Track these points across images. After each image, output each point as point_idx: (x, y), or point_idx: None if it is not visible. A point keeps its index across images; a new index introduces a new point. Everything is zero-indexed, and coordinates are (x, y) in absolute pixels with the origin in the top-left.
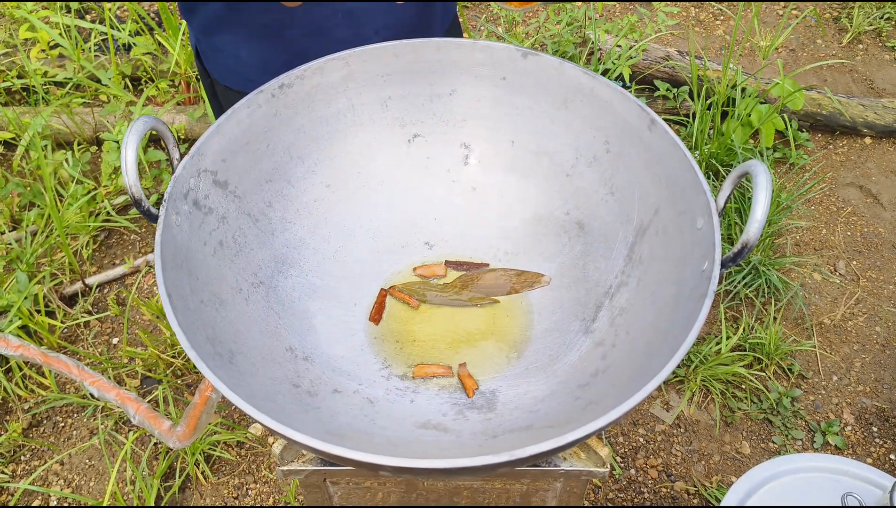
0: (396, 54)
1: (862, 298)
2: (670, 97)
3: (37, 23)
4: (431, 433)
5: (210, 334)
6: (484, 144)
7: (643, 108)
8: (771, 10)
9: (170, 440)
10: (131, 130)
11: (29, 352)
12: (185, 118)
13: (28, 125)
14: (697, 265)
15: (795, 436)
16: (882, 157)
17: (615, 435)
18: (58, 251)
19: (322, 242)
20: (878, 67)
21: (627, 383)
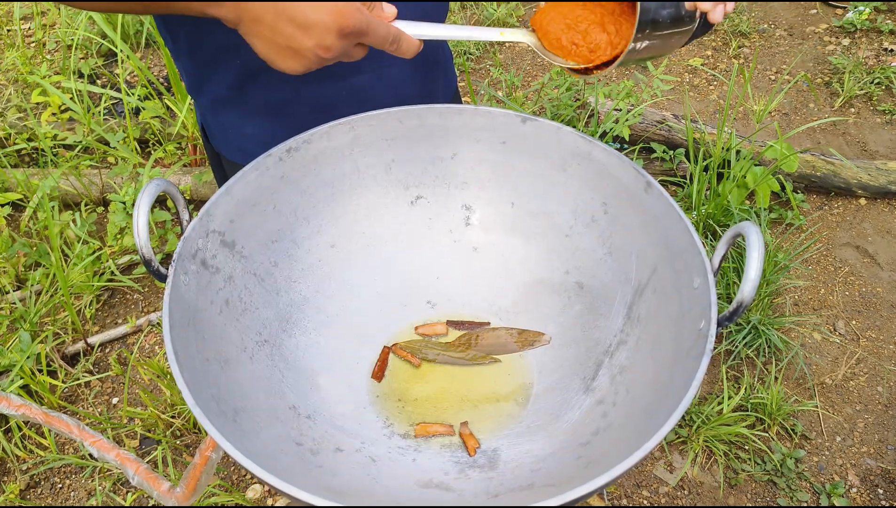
0: (401, 120)
1: (863, 357)
2: (667, 159)
3: (49, 87)
4: (433, 492)
5: (215, 392)
6: (485, 205)
7: (639, 171)
8: (763, 76)
9: (169, 501)
10: (144, 193)
11: (31, 412)
12: (190, 179)
13: (36, 187)
14: (694, 324)
15: (800, 498)
16: (877, 217)
17: (618, 498)
18: (61, 311)
19: (326, 301)
20: (870, 130)
21: (628, 441)
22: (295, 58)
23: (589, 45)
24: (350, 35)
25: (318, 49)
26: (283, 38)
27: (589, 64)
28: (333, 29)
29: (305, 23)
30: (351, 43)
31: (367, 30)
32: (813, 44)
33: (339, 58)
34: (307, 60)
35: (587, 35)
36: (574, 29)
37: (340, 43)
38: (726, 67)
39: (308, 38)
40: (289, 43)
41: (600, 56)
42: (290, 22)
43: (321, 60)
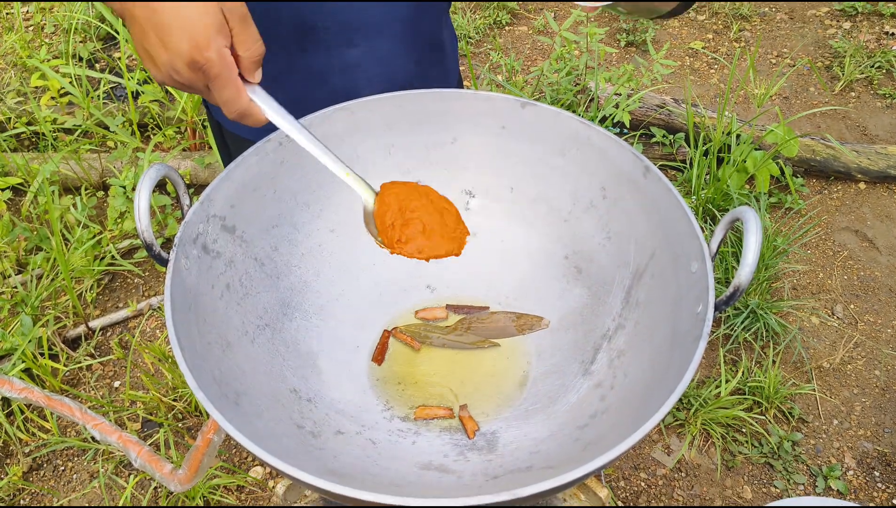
0: (400, 104)
1: (860, 341)
2: (667, 144)
3: (48, 71)
4: (433, 474)
5: (216, 375)
6: (484, 190)
7: (637, 155)
8: (764, 60)
9: (171, 483)
10: (145, 178)
11: (33, 395)
12: (190, 164)
13: (37, 171)
14: (692, 308)
15: (797, 480)
16: (877, 202)
17: (616, 479)
18: (62, 295)
19: (326, 285)
20: (870, 114)
21: (626, 424)
22: (154, 66)
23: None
24: (199, 70)
25: (170, 69)
26: (148, 44)
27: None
28: (185, 57)
29: (165, 39)
30: (199, 79)
31: (215, 77)
32: (814, 27)
33: (190, 87)
34: (161, 74)
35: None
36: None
37: (188, 74)
38: (727, 50)
39: (164, 53)
40: (150, 50)
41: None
42: (154, 31)
43: (172, 80)
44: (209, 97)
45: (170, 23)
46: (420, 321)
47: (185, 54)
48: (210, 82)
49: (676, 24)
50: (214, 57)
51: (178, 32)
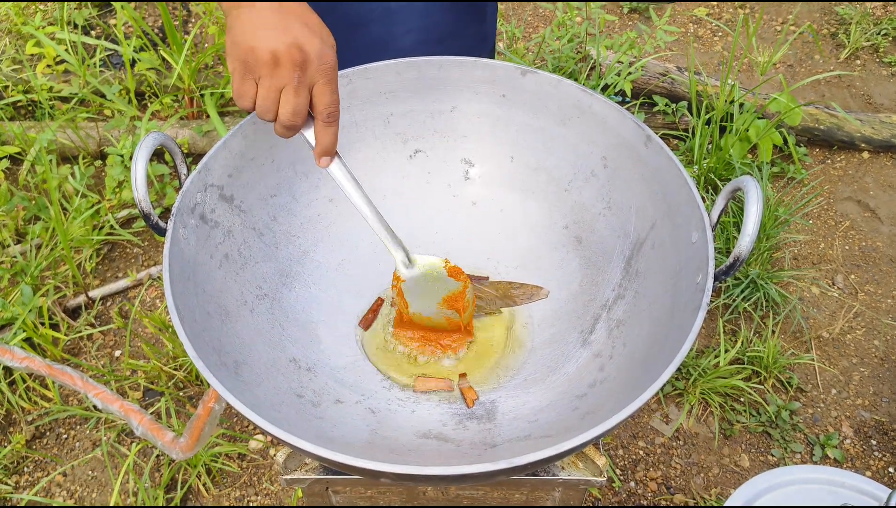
0: (398, 72)
1: (860, 311)
2: (669, 112)
3: (43, 39)
4: (432, 443)
5: (216, 345)
6: (484, 159)
7: (639, 124)
8: (769, 27)
9: (173, 451)
10: (141, 146)
11: (34, 364)
12: (188, 132)
13: (34, 140)
14: (692, 278)
15: (794, 449)
16: (880, 171)
17: (615, 448)
18: (62, 264)
19: (325, 255)
20: (875, 83)
21: (624, 393)
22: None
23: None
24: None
25: (291, 43)
26: (273, 19)
27: None
28: (319, 40)
29: (306, 20)
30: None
31: (320, 73)
32: None
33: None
34: (273, 42)
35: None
36: None
37: (298, 55)
38: (731, 17)
39: (302, 28)
40: (273, 25)
41: None
42: (292, 13)
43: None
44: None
45: (312, 17)
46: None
47: (330, 44)
48: (323, 77)
49: None
50: (334, 59)
51: (323, 27)
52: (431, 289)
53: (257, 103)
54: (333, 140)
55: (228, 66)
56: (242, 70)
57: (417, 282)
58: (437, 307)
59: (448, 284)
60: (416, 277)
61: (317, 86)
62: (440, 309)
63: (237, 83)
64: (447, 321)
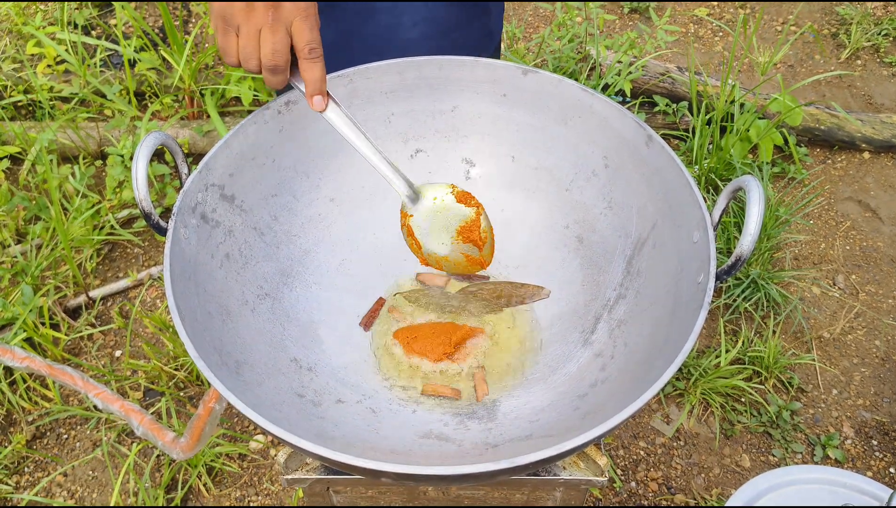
0: (399, 72)
1: (861, 311)
2: (670, 112)
3: (44, 39)
4: (433, 443)
5: (217, 345)
6: (485, 159)
7: (640, 124)
8: (769, 27)
9: (173, 451)
10: (142, 146)
11: (34, 364)
12: (188, 132)
13: (34, 140)
14: (693, 278)
15: (795, 449)
16: (881, 171)
17: (616, 448)
18: (62, 264)
19: (326, 255)
20: (876, 83)
21: (625, 393)
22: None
23: None
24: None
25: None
26: None
27: None
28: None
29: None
30: (288, 6)
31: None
32: None
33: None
34: None
35: None
36: None
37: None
38: (732, 17)
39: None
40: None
41: None
42: None
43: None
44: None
45: None
46: (421, 287)
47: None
48: (300, 15)
49: None
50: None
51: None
52: (443, 221)
53: (240, 52)
54: (320, 77)
55: (212, 26)
56: (223, 24)
57: (426, 215)
58: (451, 243)
59: (460, 211)
60: (424, 210)
61: (294, 24)
62: (456, 244)
63: (220, 39)
64: (466, 258)
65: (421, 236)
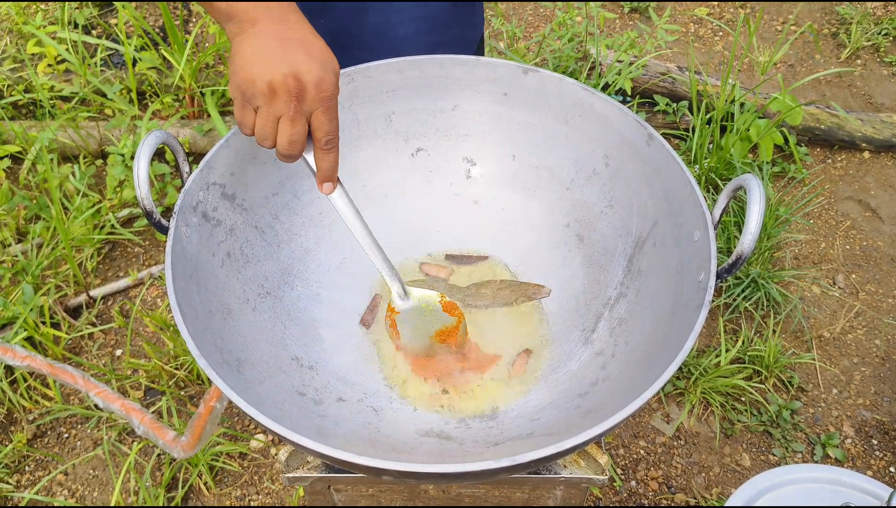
0: (400, 70)
1: (861, 311)
2: (670, 112)
3: (44, 38)
4: (434, 441)
5: (218, 343)
6: (486, 158)
7: (641, 123)
8: (769, 26)
9: (174, 450)
10: (144, 145)
11: (35, 363)
12: (189, 132)
13: (35, 139)
14: (694, 277)
15: (795, 448)
16: (881, 171)
17: (616, 447)
18: (63, 263)
19: (327, 253)
20: (876, 82)
21: (626, 391)
22: (266, 65)
23: None
24: (317, 87)
25: (290, 71)
26: (271, 48)
27: None
28: (324, 67)
29: (308, 47)
30: (302, 95)
31: (325, 100)
32: None
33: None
34: (270, 72)
35: None
36: None
37: (297, 84)
38: (732, 16)
39: (303, 56)
40: (272, 52)
41: None
42: (293, 41)
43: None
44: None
45: (314, 42)
46: (425, 278)
47: (330, 68)
48: (321, 105)
49: None
50: (332, 87)
51: (325, 51)
52: (425, 322)
53: (256, 132)
54: (333, 166)
55: (230, 92)
56: (242, 99)
57: (412, 315)
58: (429, 341)
59: (442, 318)
60: (410, 309)
61: (315, 114)
62: (432, 342)
63: (237, 111)
64: (439, 350)
65: (402, 329)
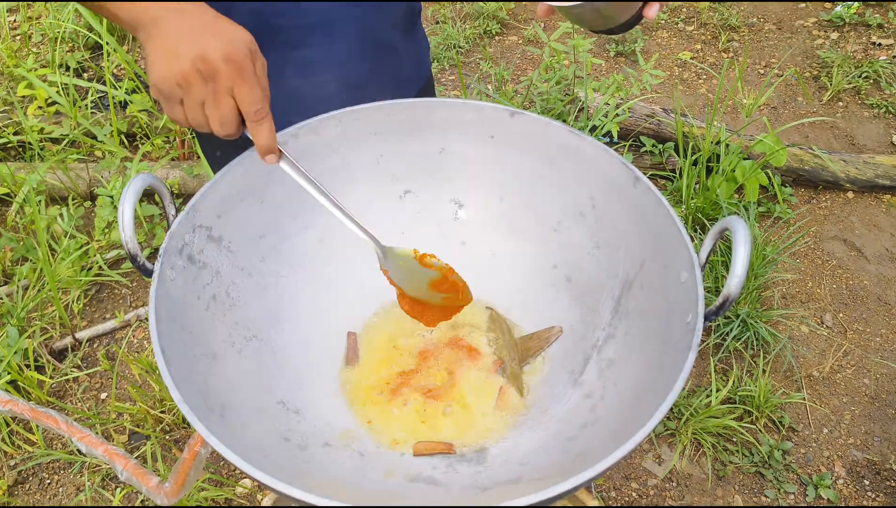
0: (389, 113)
1: (850, 350)
2: (656, 153)
3: (35, 81)
4: (422, 487)
5: (202, 388)
6: (473, 199)
7: (627, 165)
8: (752, 70)
9: (158, 496)
10: (129, 188)
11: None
12: (179, 173)
13: (23, 181)
14: (682, 318)
15: (788, 490)
16: (865, 211)
17: (608, 490)
18: (49, 306)
19: (314, 296)
20: (857, 124)
21: (616, 434)
22: (175, 59)
23: None
24: (236, 64)
25: (200, 56)
26: (178, 37)
27: None
28: (237, 43)
29: (215, 28)
30: (228, 73)
31: (247, 73)
32: (802, 38)
33: (201, 83)
34: (182, 65)
35: None
36: None
37: (222, 64)
38: (715, 60)
39: (212, 39)
40: (180, 41)
41: None
42: (197, 28)
43: (192, 71)
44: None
45: (217, 23)
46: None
47: (238, 41)
48: (238, 79)
49: (665, 34)
50: (243, 57)
51: (230, 28)
52: (415, 276)
53: (190, 123)
54: (269, 136)
55: (153, 95)
56: (164, 98)
57: (399, 270)
58: (427, 292)
59: (427, 273)
60: (395, 268)
61: (235, 89)
62: (431, 292)
63: (166, 111)
64: (445, 300)
65: (399, 283)
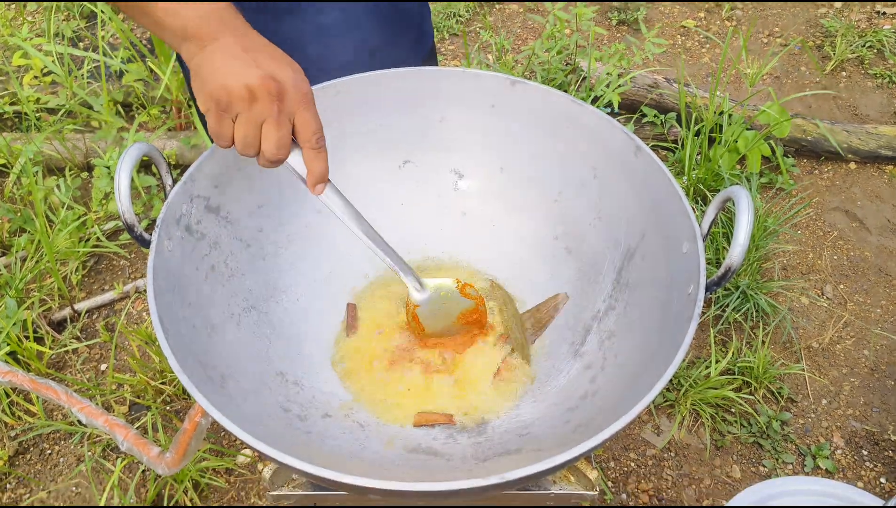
0: (387, 83)
1: (850, 321)
2: (658, 124)
3: (30, 50)
4: (422, 457)
5: (201, 358)
6: (474, 170)
7: (629, 134)
8: (755, 39)
9: (158, 466)
10: (125, 157)
11: (17, 378)
12: (176, 144)
13: (20, 151)
14: (683, 289)
15: (786, 460)
16: (867, 182)
17: (606, 460)
18: (47, 277)
19: (313, 266)
20: (861, 94)
21: (616, 405)
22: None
23: None
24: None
25: (254, 75)
26: (232, 55)
27: None
28: (288, 70)
29: (270, 52)
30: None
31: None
32: (805, 6)
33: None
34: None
35: None
36: None
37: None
38: (719, 29)
39: (267, 60)
40: (235, 60)
41: None
42: (253, 48)
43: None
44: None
45: (278, 50)
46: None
47: (301, 70)
48: (303, 104)
49: (668, 3)
50: (309, 86)
51: (284, 54)
52: (446, 309)
53: (237, 141)
54: (325, 165)
55: (200, 107)
56: (217, 109)
57: (432, 305)
58: (452, 325)
59: (462, 303)
60: (429, 300)
61: (298, 114)
62: (457, 325)
63: (213, 123)
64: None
65: (426, 322)
